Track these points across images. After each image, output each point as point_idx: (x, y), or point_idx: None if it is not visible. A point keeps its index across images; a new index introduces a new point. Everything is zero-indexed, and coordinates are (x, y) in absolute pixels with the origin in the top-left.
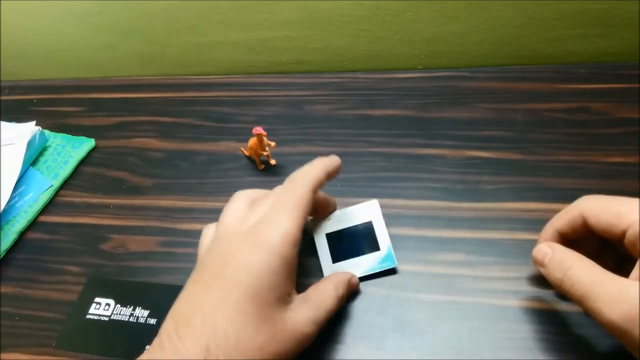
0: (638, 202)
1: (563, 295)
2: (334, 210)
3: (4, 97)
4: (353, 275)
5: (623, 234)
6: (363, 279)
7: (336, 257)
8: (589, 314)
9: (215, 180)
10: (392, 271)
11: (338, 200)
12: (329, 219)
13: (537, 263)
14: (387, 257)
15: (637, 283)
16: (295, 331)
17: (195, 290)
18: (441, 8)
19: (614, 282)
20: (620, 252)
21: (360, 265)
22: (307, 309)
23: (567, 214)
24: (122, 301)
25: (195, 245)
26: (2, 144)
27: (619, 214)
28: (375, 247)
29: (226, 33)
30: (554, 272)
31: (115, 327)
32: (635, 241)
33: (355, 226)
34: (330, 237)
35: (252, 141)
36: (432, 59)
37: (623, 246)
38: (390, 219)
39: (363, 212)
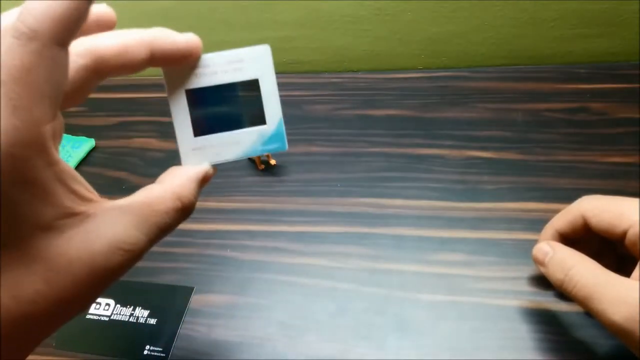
0: (639, 202)
1: (563, 295)
2: (196, 55)
3: None
4: (209, 169)
5: (624, 234)
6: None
7: (200, 129)
8: (591, 315)
9: (214, 180)
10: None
11: (339, 201)
12: (195, 68)
13: (537, 262)
14: (275, 136)
15: (639, 283)
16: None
17: None
18: (441, 8)
19: (617, 283)
20: (620, 252)
21: (236, 143)
22: (109, 230)
23: (568, 214)
24: (122, 301)
25: (196, 245)
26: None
27: (619, 214)
28: (259, 118)
29: (226, 33)
30: (555, 272)
31: (115, 327)
32: (636, 241)
33: (234, 84)
34: (194, 96)
35: None
36: (432, 59)
37: (624, 246)
38: (390, 219)
39: (247, 63)
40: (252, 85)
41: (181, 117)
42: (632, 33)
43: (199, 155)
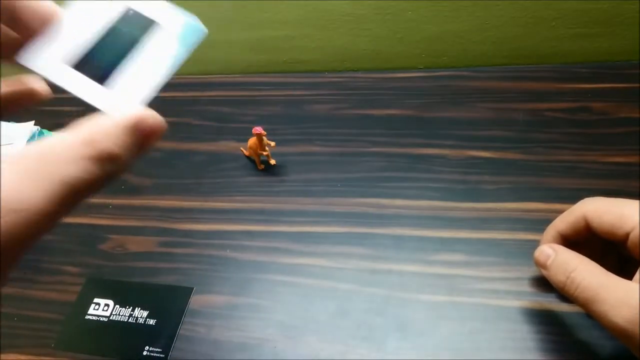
0: None
1: (564, 296)
2: (53, 19)
3: None
4: (145, 113)
5: (626, 237)
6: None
7: (106, 78)
8: (592, 317)
9: (214, 180)
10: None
11: (339, 201)
12: (64, 36)
13: (539, 265)
14: (186, 28)
15: None
16: None
17: None
18: (442, 7)
19: (619, 285)
20: (622, 254)
21: (153, 63)
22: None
23: (570, 216)
24: (121, 302)
25: (195, 245)
26: (1, 143)
27: (622, 216)
28: (158, 29)
29: (226, 32)
30: (557, 275)
31: (115, 327)
32: (638, 243)
33: (114, 28)
34: (82, 66)
35: (252, 141)
36: (432, 59)
37: (626, 248)
38: (390, 219)
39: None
40: (132, 15)
41: (79, 86)
42: (632, 32)
43: (124, 101)
